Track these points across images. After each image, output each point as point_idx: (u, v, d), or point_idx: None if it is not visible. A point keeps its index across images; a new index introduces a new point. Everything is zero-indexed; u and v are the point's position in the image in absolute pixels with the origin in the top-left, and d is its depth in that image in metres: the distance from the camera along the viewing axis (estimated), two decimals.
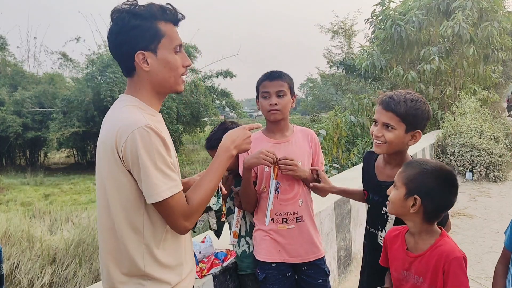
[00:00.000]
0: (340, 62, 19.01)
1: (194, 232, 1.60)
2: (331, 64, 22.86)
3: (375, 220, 1.83)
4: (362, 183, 1.99)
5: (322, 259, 2.12)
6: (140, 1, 1.38)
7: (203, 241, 2.25)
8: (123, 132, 1.24)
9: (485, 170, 8.20)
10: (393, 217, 1.76)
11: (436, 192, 1.44)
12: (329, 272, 2.15)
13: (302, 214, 2.05)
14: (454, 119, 9.49)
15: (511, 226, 1.51)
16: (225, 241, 2.30)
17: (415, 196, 1.45)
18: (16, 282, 6.21)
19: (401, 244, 1.58)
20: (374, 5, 12.45)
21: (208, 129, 24.62)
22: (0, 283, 2.12)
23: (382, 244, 1.77)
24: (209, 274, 2.07)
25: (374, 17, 12.64)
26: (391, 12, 11.62)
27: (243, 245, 2.18)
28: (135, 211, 1.29)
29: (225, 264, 2.15)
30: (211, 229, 1.61)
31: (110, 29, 1.34)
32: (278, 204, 2.02)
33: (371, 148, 2.07)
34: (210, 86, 23.41)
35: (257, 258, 2.09)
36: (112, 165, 1.27)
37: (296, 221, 2.04)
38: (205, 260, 2.13)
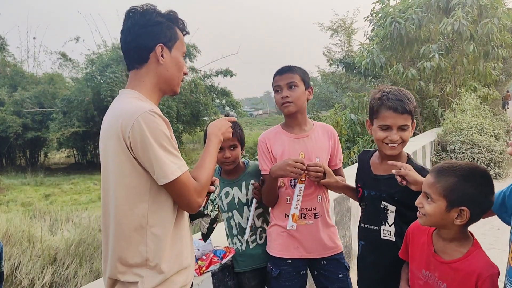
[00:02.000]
0: (340, 60, 19.03)
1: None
2: (331, 62, 22.84)
3: (375, 216, 1.81)
4: (356, 180, 1.98)
5: (341, 254, 2.10)
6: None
7: (201, 239, 2.24)
8: (128, 120, 1.28)
9: (485, 167, 8.19)
10: (393, 209, 1.74)
11: (481, 197, 1.37)
12: (349, 267, 2.12)
13: (320, 210, 2.04)
14: (455, 117, 9.47)
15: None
16: (224, 239, 2.30)
17: (462, 207, 1.37)
18: (17, 282, 6.20)
19: (428, 243, 1.52)
20: (373, 3, 12.42)
21: None
22: (0, 281, 2.10)
23: (385, 239, 1.76)
24: (208, 271, 2.06)
25: (374, 15, 12.61)
26: (390, 10, 11.58)
27: (236, 243, 2.19)
28: (139, 200, 1.33)
29: (224, 261, 2.14)
30: (201, 231, 1.63)
31: (134, 20, 1.42)
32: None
33: (371, 146, 2.06)
34: (210, 85, 23.40)
35: (271, 254, 2.08)
36: (118, 154, 1.31)
37: (315, 217, 2.03)
38: (204, 257, 2.12)
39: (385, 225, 1.77)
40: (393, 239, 1.75)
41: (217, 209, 1.56)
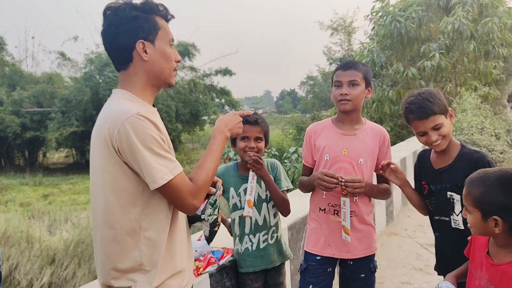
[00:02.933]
0: (340, 59, 19.01)
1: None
2: (331, 61, 22.82)
3: (444, 207, 1.89)
4: (420, 179, 2.01)
5: (371, 256, 2.10)
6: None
7: (199, 239, 2.21)
8: (115, 124, 1.24)
9: None
10: (458, 198, 1.81)
11: None
12: (374, 268, 2.11)
13: (355, 210, 2.02)
14: (455, 116, 9.44)
15: None
16: (222, 239, 2.26)
17: (494, 217, 1.36)
18: (16, 282, 6.17)
19: (484, 245, 1.53)
20: (373, 2, 12.40)
21: (207, 128, 24.58)
22: None
23: (455, 228, 1.85)
24: (205, 272, 2.03)
25: (374, 14, 12.59)
26: (390, 9, 11.58)
27: (246, 243, 2.12)
28: (131, 204, 1.29)
29: (221, 262, 2.11)
30: (204, 234, 1.60)
31: (108, 21, 1.36)
32: (331, 195, 2.00)
33: None
34: (209, 84, 23.39)
35: (304, 248, 2.12)
36: (107, 158, 1.27)
37: None
38: (201, 258, 2.10)
39: (453, 215, 1.87)
40: (462, 227, 1.83)
41: (216, 213, 1.51)
